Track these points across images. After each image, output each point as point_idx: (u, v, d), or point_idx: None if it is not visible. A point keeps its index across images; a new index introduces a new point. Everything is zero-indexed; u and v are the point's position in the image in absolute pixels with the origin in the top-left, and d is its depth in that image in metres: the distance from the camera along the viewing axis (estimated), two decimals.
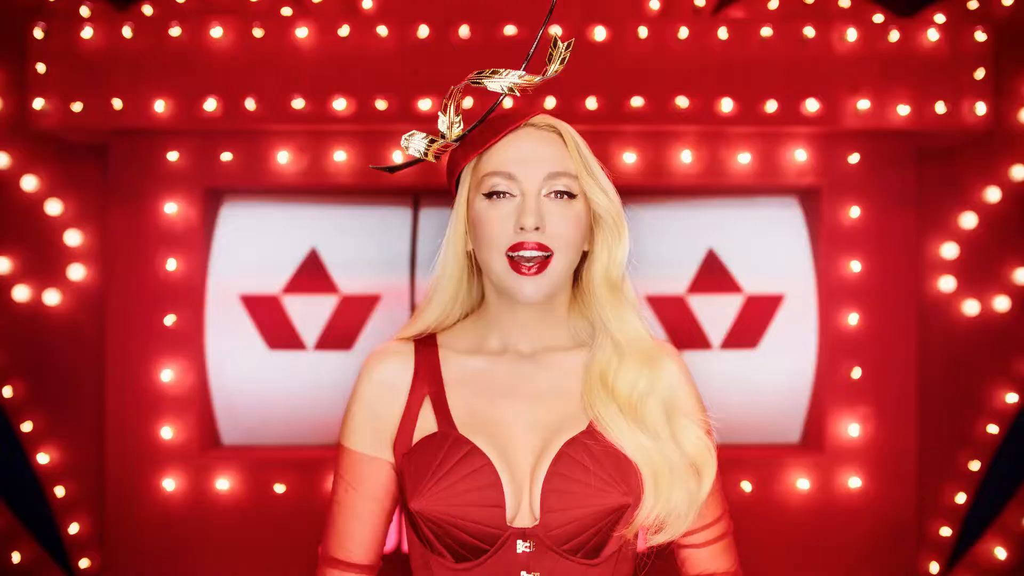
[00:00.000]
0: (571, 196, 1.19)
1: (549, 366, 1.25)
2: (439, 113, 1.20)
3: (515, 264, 1.15)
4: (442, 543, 1.16)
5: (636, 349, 1.21)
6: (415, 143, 1.18)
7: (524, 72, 1.18)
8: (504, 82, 1.17)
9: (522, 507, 1.15)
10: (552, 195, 1.18)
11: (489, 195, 1.18)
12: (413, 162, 1.21)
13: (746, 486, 3.27)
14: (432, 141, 1.18)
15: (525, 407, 1.21)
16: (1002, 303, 3.30)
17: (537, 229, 1.15)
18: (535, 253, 1.15)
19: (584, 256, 1.25)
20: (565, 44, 1.18)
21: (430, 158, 1.19)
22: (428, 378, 1.23)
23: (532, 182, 1.17)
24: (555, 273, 1.17)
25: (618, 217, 1.23)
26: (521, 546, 1.14)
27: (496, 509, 1.14)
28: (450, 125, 1.19)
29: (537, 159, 1.19)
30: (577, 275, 1.27)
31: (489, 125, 1.21)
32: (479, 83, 1.17)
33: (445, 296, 1.27)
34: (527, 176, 1.17)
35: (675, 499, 1.16)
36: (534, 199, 1.17)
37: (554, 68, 1.18)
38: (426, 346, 1.27)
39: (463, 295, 1.29)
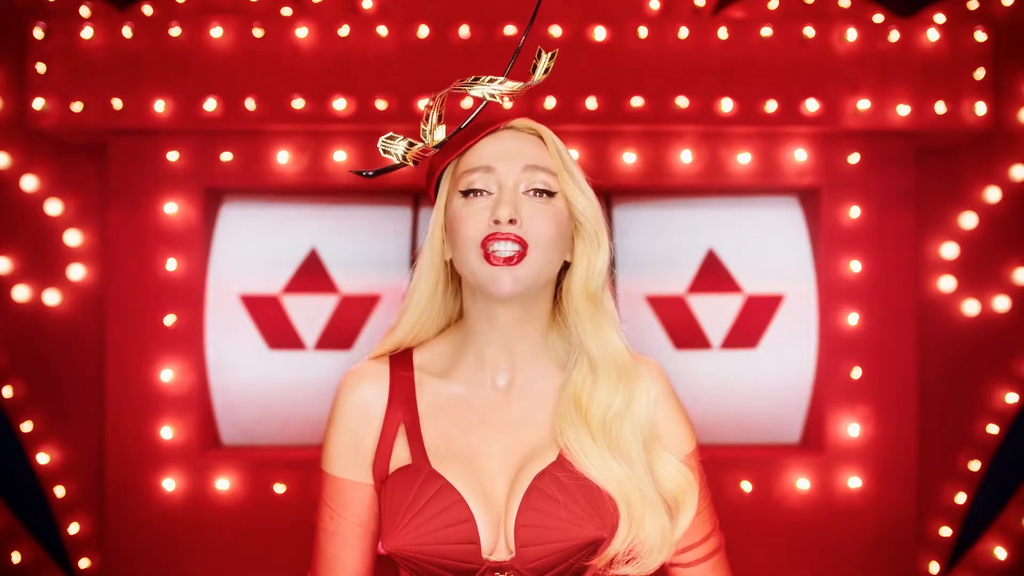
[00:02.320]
0: (550, 194, 1.16)
1: (525, 391, 1.21)
2: (421, 122, 1.16)
3: (490, 256, 1.11)
4: None
5: (612, 365, 1.17)
6: (394, 147, 1.14)
7: (506, 79, 1.14)
8: (487, 89, 1.14)
9: (499, 540, 1.13)
10: (531, 192, 1.15)
11: (466, 193, 1.15)
12: (393, 167, 1.17)
13: (746, 486, 3.27)
14: (412, 144, 1.15)
15: (499, 436, 1.18)
16: (1002, 303, 3.30)
17: (512, 222, 1.11)
18: (511, 246, 1.10)
19: (565, 268, 1.22)
20: (549, 55, 1.14)
21: (409, 162, 1.15)
22: (402, 404, 1.20)
23: (509, 175, 1.14)
24: (532, 266, 1.12)
25: (597, 223, 1.19)
26: None
27: (471, 546, 1.11)
28: (431, 131, 1.16)
29: (515, 154, 1.16)
30: (558, 290, 1.23)
31: (469, 130, 1.20)
32: (462, 90, 1.14)
33: (420, 305, 1.24)
34: (504, 168, 1.15)
35: (647, 529, 1.11)
36: (511, 192, 1.14)
37: (537, 77, 1.14)
38: (402, 367, 1.23)
39: (439, 305, 1.25)
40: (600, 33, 3.14)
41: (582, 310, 1.19)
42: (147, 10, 3.24)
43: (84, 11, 3.12)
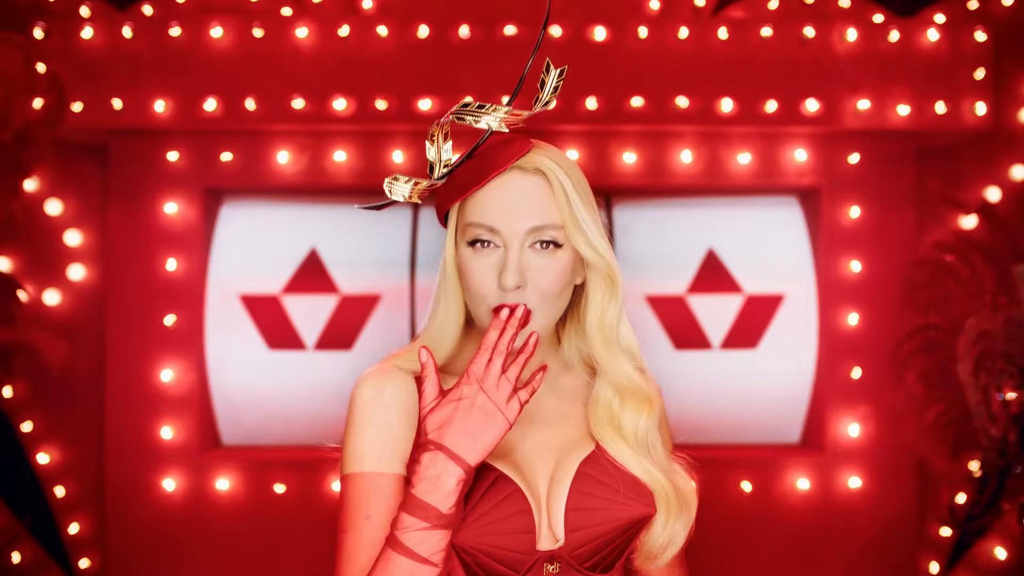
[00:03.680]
0: (556, 246, 1.13)
1: (550, 393, 1.23)
2: (427, 143, 1.13)
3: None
4: (468, 572, 1.12)
5: (632, 394, 1.21)
6: (399, 188, 1.12)
7: (510, 107, 1.09)
8: (490, 119, 1.09)
9: (543, 530, 1.14)
10: (537, 245, 1.12)
11: (472, 243, 1.13)
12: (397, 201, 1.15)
13: (746, 486, 3.27)
14: (416, 183, 1.12)
15: (533, 432, 1.20)
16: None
17: (519, 287, 1.11)
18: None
19: (580, 288, 1.22)
20: (558, 71, 1.10)
21: (414, 199, 1.13)
22: None
23: (515, 236, 1.11)
24: (537, 322, 1.13)
25: (611, 273, 1.17)
26: (548, 569, 1.13)
27: (527, 535, 1.12)
28: (438, 157, 1.12)
29: (520, 210, 1.12)
30: (572, 302, 1.23)
31: (474, 164, 1.14)
32: (463, 120, 1.09)
33: (451, 340, 1.20)
34: (509, 230, 1.11)
35: (678, 527, 1.18)
36: (516, 254, 1.11)
37: (545, 99, 1.10)
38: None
39: (461, 329, 1.22)
40: (600, 33, 3.13)
41: (597, 346, 1.21)
42: (147, 10, 3.23)
43: (84, 11, 3.12)
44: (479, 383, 1.05)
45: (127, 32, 3.07)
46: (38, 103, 2.91)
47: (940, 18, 3.20)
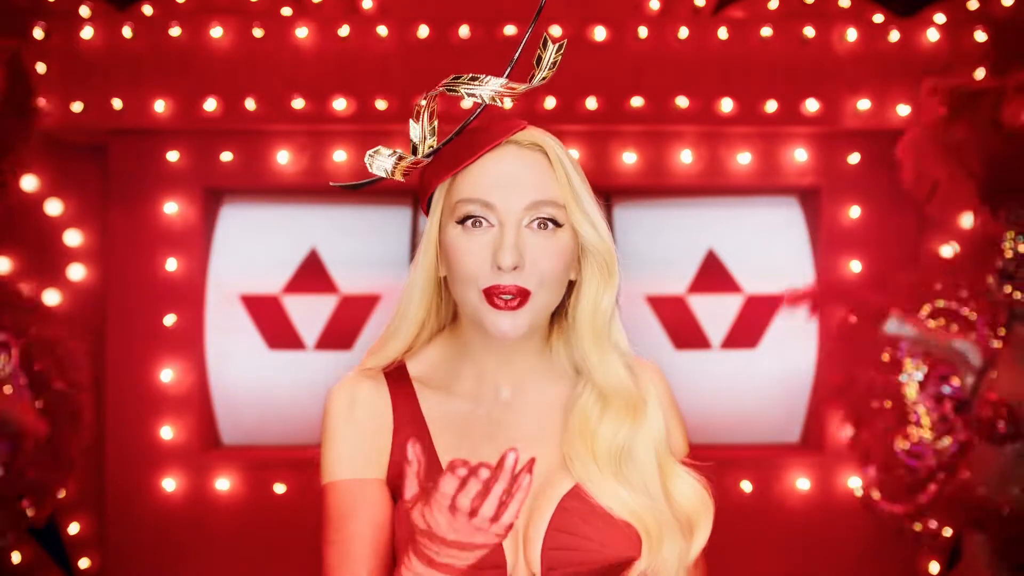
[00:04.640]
0: (556, 225, 1.04)
1: (531, 405, 1.13)
2: (411, 121, 1.04)
3: (491, 300, 1.02)
4: None
5: (618, 398, 1.10)
6: (380, 161, 1.04)
7: (507, 79, 1.02)
8: (484, 90, 1.02)
9: (519, 562, 1.06)
10: (535, 224, 1.04)
11: (463, 222, 1.04)
12: (378, 179, 1.07)
13: (746, 486, 3.27)
14: (400, 158, 1.04)
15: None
16: None
17: (516, 268, 1.01)
18: (512, 296, 1.02)
19: (571, 285, 1.11)
20: (556, 46, 1.03)
21: (397, 177, 1.05)
22: (409, 418, 1.10)
23: (511, 212, 1.03)
24: (535, 310, 1.04)
25: (608, 256, 1.08)
26: None
27: (497, 570, 1.04)
28: (423, 136, 1.04)
29: (518, 184, 1.03)
30: (562, 303, 1.13)
31: (465, 140, 1.06)
32: (455, 91, 1.02)
33: (412, 326, 1.13)
34: (506, 205, 1.03)
35: (665, 553, 1.06)
36: (513, 231, 1.02)
37: (542, 74, 1.03)
38: (398, 380, 1.13)
39: (432, 322, 1.15)
40: (600, 33, 3.13)
41: (587, 341, 1.11)
42: (147, 10, 3.23)
43: (84, 11, 3.12)
44: (450, 530, 0.90)
45: (127, 32, 3.07)
46: None
47: (940, 18, 3.20)
